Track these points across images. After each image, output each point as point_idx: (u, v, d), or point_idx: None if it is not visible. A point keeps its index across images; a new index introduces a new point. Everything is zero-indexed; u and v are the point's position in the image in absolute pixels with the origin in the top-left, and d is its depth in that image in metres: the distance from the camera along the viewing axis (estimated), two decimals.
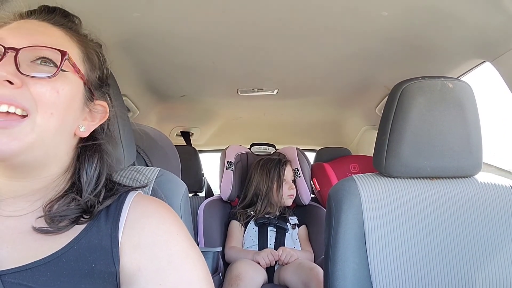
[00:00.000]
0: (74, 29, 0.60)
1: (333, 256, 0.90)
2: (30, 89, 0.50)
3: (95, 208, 0.55)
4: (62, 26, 0.58)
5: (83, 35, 0.62)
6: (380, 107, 1.87)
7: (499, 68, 1.08)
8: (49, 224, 0.52)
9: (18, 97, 0.48)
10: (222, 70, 1.53)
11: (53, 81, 0.51)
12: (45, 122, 0.50)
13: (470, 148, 0.93)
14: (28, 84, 0.50)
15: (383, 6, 1.00)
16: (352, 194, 0.93)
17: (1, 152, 0.47)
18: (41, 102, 0.50)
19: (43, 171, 0.55)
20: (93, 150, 0.60)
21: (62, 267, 0.49)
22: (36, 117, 0.49)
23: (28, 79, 0.50)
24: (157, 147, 1.09)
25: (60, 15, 0.60)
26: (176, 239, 0.56)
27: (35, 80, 0.50)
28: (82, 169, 0.58)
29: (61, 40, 0.56)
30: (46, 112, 0.50)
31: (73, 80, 0.55)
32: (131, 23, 1.09)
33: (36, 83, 0.50)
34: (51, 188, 0.56)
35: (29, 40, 0.52)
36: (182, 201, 0.82)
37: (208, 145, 2.72)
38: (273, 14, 1.06)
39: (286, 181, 1.80)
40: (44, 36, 0.54)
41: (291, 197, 1.78)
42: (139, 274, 0.52)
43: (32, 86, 0.50)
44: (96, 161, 0.59)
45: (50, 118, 0.51)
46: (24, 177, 0.54)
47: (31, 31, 0.54)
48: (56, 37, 0.56)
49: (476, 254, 0.90)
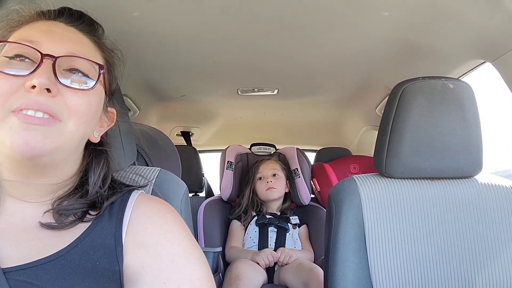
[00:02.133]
0: (99, 37, 0.62)
1: (333, 256, 0.90)
2: (65, 99, 0.51)
3: (102, 203, 0.57)
4: (89, 34, 0.59)
5: (105, 44, 0.63)
6: (380, 107, 1.87)
7: (499, 69, 1.08)
8: (56, 219, 0.53)
9: (53, 106, 0.49)
10: (223, 69, 1.53)
11: (88, 93, 0.53)
12: (76, 130, 0.52)
13: (470, 149, 0.93)
14: (63, 94, 0.51)
15: (383, 6, 1.00)
16: (352, 194, 0.93)
17: (35, 149, 0.48)
18: (76, 112, 0.52)
19: (61, 171, 0.56)
20: (101, 154, 0.62)
21: (66, 265, 0.50)
22: (68, 124, 0.51)
23: (65, 89, 0.51)
24: (157, 147, 1.09)
25: (87, 22, 0.60)
26: (178, 238, 0.56)
27: (72, 91, 0.52)
28: (90, 170, 0.59)
29: (91, 50, 0.57)
30: (78, 121, 0.52)
31: (100, 91, 0.57)
32: (131, 22, 1.09)
33: (74, 95, 0.52)
34: (60, 186, 0.57)
35: (65, 48, 0.53)
36: (182, 201, 0.82)
37: (208, 145, 2.71)
38: (274, 14, 1.06)
39: (264, 177, 1.80)
40: (77, 44, 0.55)
41: (270, 190, 1.78)
42: (143, 272, 0.53)
43: (69, 97, 0.51)
44: (103, 164, 0.61)
45: (81, 126, 0.53)
46: (43, 175, 0.54)
47: (64, 38, 0.55)
48: (87, 46, 0.57)
49: (476, 255, 0.90)
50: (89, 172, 0.59)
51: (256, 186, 1.81)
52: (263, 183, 1.79)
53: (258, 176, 1.82)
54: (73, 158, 0.58)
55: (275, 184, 1.78)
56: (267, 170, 1.82)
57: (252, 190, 1.82)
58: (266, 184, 1.78)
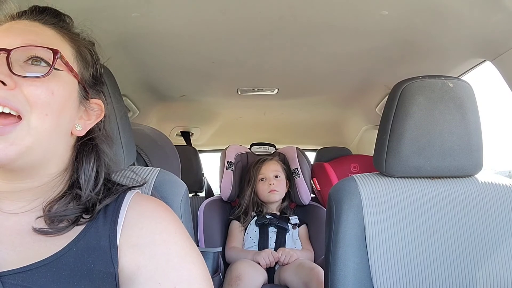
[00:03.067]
0: (66, 28, 0.60)
1: (333, 256, 0.90)
2: (23, 91, 0.49)
3: (95, 207, 0.55)
4: (53, 25, 0.57)
5: (75, 33, 0.61)
6: (380, 106, 1.87)
7: (499, 67, 1.08)
8: (49, 224, 0.52)
9: (11, 98, 0.48)
10: (222, 69, 1.53)
11: (47, 81, 0.51)
12: (40, 124, 0.50)
13: (471, 148, 0.92)
14: (21, 85, 0.49)
15: (383, 5, 1.00)
16: (352, 194, 0.93)
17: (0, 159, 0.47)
18: (36, 103, 0.49)
19: (41, 171, 0.54)
20: (90, 149, 0.59)
21: (61, 268, 0.49)
22: (30, 119, 0.49)
23: (22, 80, 0.49)
24: (157, 147, 1.09)
25: (51, 14, 0.59)
26: (174, 238, 0.56)
27: (29, 81, 0.49)
28: (80, 168, 0.57)
29: (52, 39, 0.55)
30: (40, 113, 0.49)
31: (67, 79, 0.55)
32: (130, 23, 1.09)
33: (30, 84, 0.49)
34: (49, 188, 0.56)
35: (20, 40, 0.51)
36: (182, 201, 0.82)
37: (208, 145, 2.71)
38: (273, 13, 1.06)
39: (266, 178, 1.80)
40: (35, 35, 0.53)
41: (272, 192, 1.77)
42: (138, 273, 0.52)
43: (26, 87, 0.49)
44: (93, 159, 0.59)
45: (45, 119, 0.50)
46: (23, 178, 0.53)
47: (22, 31, 0.53)
48: (48, 36, 0.55)
49: (477, 253, 0.90)
50: (79, 170, 0.57)
51: (257, 187, 1.80)
52: (265, 185, 1.78)
53: (260, 177, 1.81)
54: (55, 155, 0.55)
55: (277, 186, 1.78)
56: (269, 171, 1.81)
57: (253, 190, 1.81)
58: (269, 187, 1.77)
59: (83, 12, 0.63)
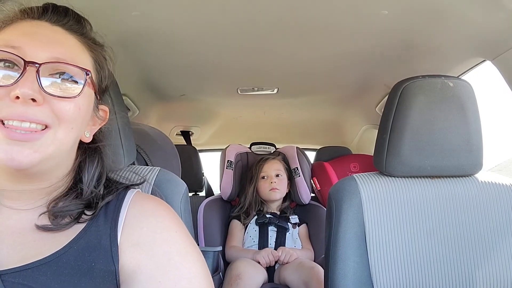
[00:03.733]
0: (87, 35, 0.60)
1: (333, 255, 0.90)
2: (52, 106, 0.50)
3: (97, 203, 0.56)
4: (76, 33, 0.57)
5: (93, 40, 0.61)
6: (380, 106, 1.87)
7: (499, 67, 1.08)
8: (52, 221, 0.53)
9: (40, 114, 0.49)
10: (222, 69, 1.52)
11: (75, 98, 0.52)
12: (65, 136, 0.52)
13: (471, 147, 0.92)
14: (50, 101, 0.50)
15: (383, 4, 1.00)
16: (352, 193, 0.93)
17: (23, 163, 0.48)
18: (64, 118, 0.51)
19: (51, 175, 0.56)
20: (94, 152, 0.61)
21: (62, 266, 0.49)
22: (57, 131, 0.51)
23: (51, 97, 0.50)
24: (157, 147, 1.09)
25: (74, 19, 0.58)
26: (175, 237, 0.56)
27: (59, 98, 0.51)
28: (84, 170, 0.59)
29: (78, 51, 0.56)
30: (67, 127, 0.52)
31: (89, 93, 0.56)
32: (130, 22, 1.08)
33: (61, 101, 0.51)
34: (55, 188, 0.57)
35: (49, 52, 0.51)
36: (182, 201, 0.82)
37: (208, 144, 2.71)
38: (273, 13, 1.06)
39: (268, 176, 1.80)
40: (62, 47, 0.53)
41: (274, 190, 1.77)
42: (138, 272, 0.52)
43: (56, 103, 0.50)
44: (97, 162, 0.60)
45: (70, 132, 0.52)
46: (34, 181, 0.54)
47: (49, 41, 0.53)
48: (73, 48, 0.55)
49: (476, 253, 0.90)
50: (83, 171, 0.59)
51: (259, 185, 1.81)
52: (266, 183, 1.79)
53: (261, 175, 1.81)
54: (65, 161, 0.57)
55: (279, 185, 1.78)
56: (271, 170, 1.82)
57: (255, 188, 1.81)
58: (270, 185, 1.77)
59: (83, 11, 0.62)
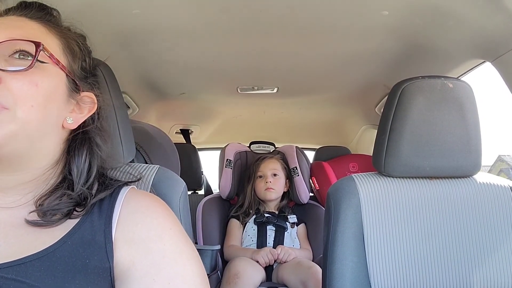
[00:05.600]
0: (53, 21, 0.60)
1: (331, 255, 0.90)
2: (7, 85, 0.49)
3: (88, 200, 0.55)
4: (39, 19, 0.57)
5: (62, 26, 0.61)
6: (380, 106, 1.87)
7: (499, 68, 1.08)
8: (42, 217, 0.52)
9: None
10: (222, 67, 1.52)
11: (31, 74, 0.51)
12: (26, 115, 0.50)
13: (469, 148, 0.93)
14: (5, 79, 0.49)
15: (383, 5, 1.00)
16: (351, 193, 0.93)
17: None
18: (19, 96, 0.49)
19: (31, 164, 0.54)
20: (82, 142, 0.59)
21: (56, 262, 0.49)
22: (16, 110, 0.49)
23: (6, 74, 0.49)
24: (156, 145, 1.09)
25: (37, 8, 0.59)
26: (169, 233, 0.55)
27: (12, 74, 0.50)
28: (72, 161, 0.57)
29: (37, 32, 0.55)
30: (25, 105, 0.50)
31: (53, 71, 0.54)
32: (130, 20, 1.08)
33: (13, 77, 0.50)
34: (41, 181, 0.56)
35: (5, 35, 0.51)
36: (181, 199, 0.82)
37: (207, 143, 2.72)
38: (273, 12, 1.06)
39: (264, 176, 1.80)
40: (20, 29, 0.53)
41: (269, 190, 1.77)
42: (133, 269, 0.52)
43: (9, 81, 0.49)
44: (86, 152, 0.59)
45: (31, 110, 0.50)
46: (13, 170, 0.53)
47: (7, 26, 0.53)
48: (33, 30, 0.55)
49: (474, 254, 0.90)
50: (71, 163, 0.57)
51: (255, 184, 1.81)
52: (262, 182, 1.79)
53: (258, 174, 1.82)
54: (46, 147, 0.55)
55: (274, 184, 1.78)
56: (267, 169, 1.81)
57: (253, 188, 1.82)
58: (265, 184, 1.77)
59: (84, 9, 0.63)
